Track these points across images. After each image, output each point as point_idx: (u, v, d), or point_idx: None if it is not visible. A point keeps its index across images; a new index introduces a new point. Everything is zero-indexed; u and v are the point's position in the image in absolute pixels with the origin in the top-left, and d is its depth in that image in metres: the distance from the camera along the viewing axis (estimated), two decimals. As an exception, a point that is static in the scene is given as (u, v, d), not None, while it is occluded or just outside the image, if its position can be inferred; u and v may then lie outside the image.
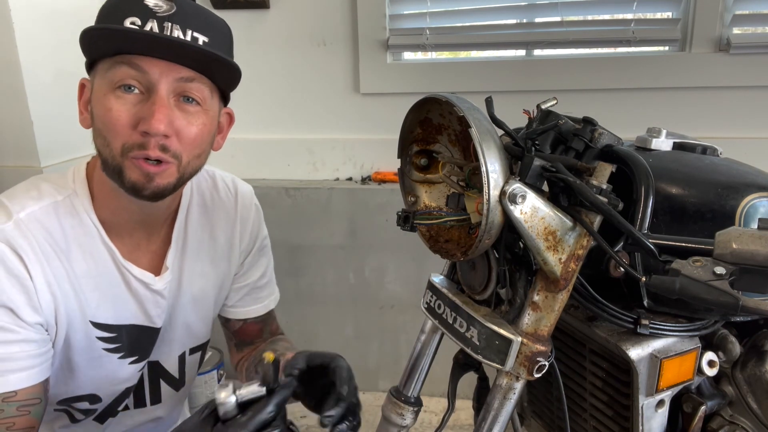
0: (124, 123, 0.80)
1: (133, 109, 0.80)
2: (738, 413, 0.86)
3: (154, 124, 0.78)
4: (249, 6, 1.89)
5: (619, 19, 1.83)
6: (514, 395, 0.73)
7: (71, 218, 0.88)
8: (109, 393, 1.00)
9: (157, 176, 0.82)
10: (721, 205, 0.76)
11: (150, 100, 0.80)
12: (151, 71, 0.79)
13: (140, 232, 0.95)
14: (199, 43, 0.81)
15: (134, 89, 0.80)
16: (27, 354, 0.82)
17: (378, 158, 2.00)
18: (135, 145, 0.80)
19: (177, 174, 0.85)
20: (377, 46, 1.88)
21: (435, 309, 0.83)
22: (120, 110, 0.80)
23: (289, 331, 2.14)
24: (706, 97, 1.75)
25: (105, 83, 0.81)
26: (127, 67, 0.79)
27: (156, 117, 0.78)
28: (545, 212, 0.67)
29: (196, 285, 1.03)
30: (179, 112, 0.82)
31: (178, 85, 0.81)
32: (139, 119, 0.79)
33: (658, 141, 0.85)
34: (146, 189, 0.82)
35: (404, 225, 0.82)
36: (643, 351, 0.76)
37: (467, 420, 1.88)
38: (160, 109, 0.79)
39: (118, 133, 0.80)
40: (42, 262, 0.84)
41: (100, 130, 0.82)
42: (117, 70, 0.79)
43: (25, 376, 0.82)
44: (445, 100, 0.71)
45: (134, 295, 0.95)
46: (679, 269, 0.61)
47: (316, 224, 2.00)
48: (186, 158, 0.85)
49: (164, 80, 0.80)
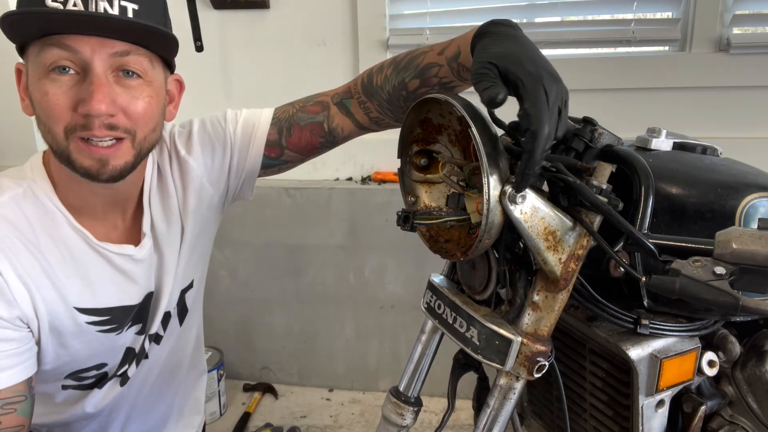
0: (63, 106, 0.76)
1: (71, 90, 0.76)
2: (738, 413, 0.86)
3: (94, 105, 0.75)
4: (249, 6, 1.88)
5: (619, 19, 1.83)
6: (514, 395, 0.73)
7: (35, 207, 0.85)
8: (114, 357, 0.99)
9: (111, 158, 0.79)
10: (721, 205, 0.76)
11: (87, 80, 0.76)
12: (82, 50, 0.75)
13: (114, 211, 0.93)
14: (128, 13, 0.76)
15: (69, 70, 0.76)
16: (6, 354, 0.81)
17: (378, 158, 2.00)
18: (77, 126, 0.77)
19: (133, 151, 0.82)
20: (377, 46, 1.88)
21: (435, 309, 0.83)
22: (57, 93, 0.76)
23: (289, 331, 2.16)
24: (706, 97, 1.75)
25: (38, 67, 0.77)
26: (57, 48, 0.75)
27: (95, 98, 0.75)
28: (545, 212, 0.67)
29: (177, 238, 1.01)
30: (120, 88, 0.79)
31: (114, 60, 0.78)
32: (78, 101, 0.76)
33: (658, 141, 0.86)
34: (102, 173, 0.80)
35: (404, 225, 0.82)
36: (643, 351, 0.76)
37: (467, 420, 1.88)
38: (98, 88, 0.75)
39: (58, 118, 0.77)
40: (10, 257, 0.81)
41: (39, 116, 0.79)
42: (48, 52, 0.76)
43: (6, 376, 0.81)
44: (444, 100, 0.71)
45: (121, 272, 0.93)
46: (679, 269, 0.61)
47: (315, 224, 2.00)
48: (141, 133, 0.82)
49: (98, 57, 0.76)
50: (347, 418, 1.99)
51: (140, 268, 0.96)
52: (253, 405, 2.03)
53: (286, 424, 1.91)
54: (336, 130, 1.01)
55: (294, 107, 1.04)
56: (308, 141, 1.02)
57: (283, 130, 1.02)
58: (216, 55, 1.93)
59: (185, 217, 1.01)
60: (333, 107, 1.01)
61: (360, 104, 0.98)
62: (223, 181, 1.05)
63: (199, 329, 1.20)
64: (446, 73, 0.84)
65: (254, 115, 1.03)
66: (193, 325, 1.16)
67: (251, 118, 1.03)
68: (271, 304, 2.12)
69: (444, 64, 0.83)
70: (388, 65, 0.94)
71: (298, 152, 1.04)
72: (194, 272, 1.09)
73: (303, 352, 2.16)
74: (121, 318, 0.96)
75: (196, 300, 1.13)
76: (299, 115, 1.02)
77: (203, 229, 1.06)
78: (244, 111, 1.04)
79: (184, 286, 1.07)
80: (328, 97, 1.02)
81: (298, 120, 1.02)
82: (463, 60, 0.80)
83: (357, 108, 0.99)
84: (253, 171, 1.05)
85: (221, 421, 1.99)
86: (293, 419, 1.97)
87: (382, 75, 0.94)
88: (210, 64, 1.93)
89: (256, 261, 2.07)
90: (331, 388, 2.16)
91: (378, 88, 0.94)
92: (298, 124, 1.02)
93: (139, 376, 1.05)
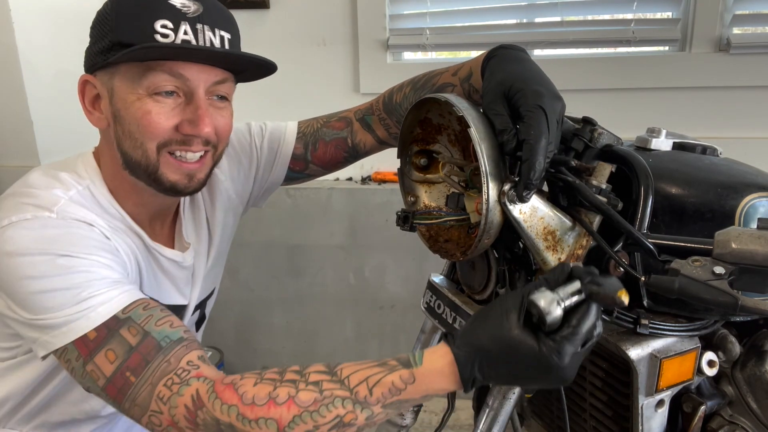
0: (165, 126, 0.82)
1: (173, 111, 0.82)
2: (738, 413, 0.86)
3: (203, 129, 0.82)
4: (249, 6, 1.88)
5: (619, 19, 1.83)
6: (513, 395, 0.73)
7: (97, 207, 0.87)
8: None
9: (198, 172, 0.86)
10: (721, 205, 0.76)
11: (192, 104, 0.82)
12: (191, 77, 0.81)
13: (157, 220, 0.96)
14: (225, 41, 0.83)
15: (174, 94, 0.82)
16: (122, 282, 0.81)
17: (378, 158, 1.99)
18: (173, 141, 0.83)
19: (212, 163, 0.89)
20: (377, 46, 1.88)
21: (435, 309, 0.83)
22: (160, 113, 0.81)
23: (289, 330, 2.15)
24: (706, 97, 1.75)
25: (138, 87, 0.81)
26: (167, 74, 0.80)
27: (204, 122, 0.82)
28: (545, 212, 0.67)
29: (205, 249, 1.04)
30: (214, 110, 0.85)
31: (214, 86, 0.84)
32: (181, 122, 0.82)
33: (658, 141, 0.86)
34: (189, 187, 0.86)
35: (404, 225, 0.82)
36: (642, 351, 0.76)
37: (467, 420, 1.88)
38: (205, 113, 0.82)
39: (157, 135, 0.82)
40: (111, 235, 0.84)
41: (132, 132, 0.82)
42: (155, 76, 0.80)
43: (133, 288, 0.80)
44: (444, 100, 0.71)
45: (168, 276, 0.96)
46: (679, 269, 0.62)
47: (316, 224, 2.00)
48: (221, 147, 0.89)
49: (203, 85, 0.82)
50: (347, 418, 1.99)
51: (184, 275, 0.98)
52: (253, 405, 2.03)
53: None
54: (359, 145, 1.07)
55: (318, 122, 1.09)
56: (333, 155, 1.08)
57: (309, 145, 1.07)
58: (216, 55, 1.93)
59: (213, 229, 1.05)
60: (356, 123, 1.06)
61: (380, 120, 1.03)
62: (247, 192, 1.10)
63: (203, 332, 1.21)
64: (459, 92, 0.88)
65: (279, 129, 1.08)
66: (202, 332, 1.17)
67: (277, 132, 1.08)
68: (271, 304, 2.12)
69: (457, 84, 0.88)
70: (408, 84, 0.99)
71: (322, 166, 1.09)
72: (215, 280, 1.11)
73: (303, 352, 2.16)
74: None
75: (211, 307, 1.15)
76: (324, 130, 1.07)
77: (225, 238, 1.09)
78: (269, 124, 1.09)
79: (207, 294, 1.09)
80: (351, 113, 1.07)
81: (323, 135, 1.07)
82: (474, 81, 0.84)
83: (378, 124, 1.04)
84: (275, 183, 1.10)
85: (221, 421, 1.99)
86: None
87: (402, 93, 0.99)
88: (210, 64, 1.93)
89: (256, 261, 2.07)
90: (331, 388, 2.16)
91: (397, 105, 0.99)
92: (323, 139, 1.07)
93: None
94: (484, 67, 0.80)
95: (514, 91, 0.69)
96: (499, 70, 0.75)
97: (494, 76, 0.74)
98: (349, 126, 1.06)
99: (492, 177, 0.65)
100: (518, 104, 0.68)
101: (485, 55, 0.82)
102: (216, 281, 1.12)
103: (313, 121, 1.09)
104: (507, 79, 0.71)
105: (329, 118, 1.08)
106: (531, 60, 0.78)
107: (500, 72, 0.74)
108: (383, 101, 1.03)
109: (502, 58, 0.78)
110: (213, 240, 1.05)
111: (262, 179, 1.09)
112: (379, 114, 1.03)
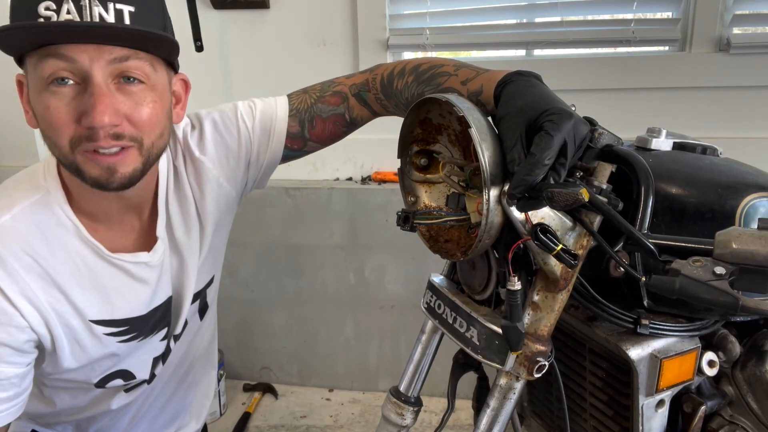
0: (66, 119, 0.74)
1: (72, 102, 0.74)
2: (738, 413, 0.86)
3: (97, 117, 0.72)
4: (249, 6, 1.88)
5: (619, 19, 1.83)
6: (514, 395, 0.73)
7: (48, 219, 0.84)
8: (141, 366, 1.00)
9: (119, 166, 0.77)
10: (721, 205, 0.76)
11: (88, 91, 0.73)
12: (80, 59, 0.72)
13: (129, 216, 0.91)
14: (124, 17, 0.73)
15: (68, 81, 0.74)
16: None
17: (378, 158, 2.00)
18: (83, 137, 0.75)
19: (141, 158, 0.80)
20: (377, 46, 1.88)
21: (435, 309, 0.83)
22: (58, 106, 0.74)
23: (289, 331, 2.16)
24: (706, 97, 1.75)
25: (37, 79, 0.75)
26: (54, 59, 0.72)
27: (98, 109, 0.73)
28: (545, 212, 0.67)
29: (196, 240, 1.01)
30: (123, 96, 0.76)
31: (114, 66, 0.75)
32: (81, 113, 0.74)
33: (658, 141, 0.86)
34: (111, 182, 0.78)
35: (404, 225, 0.81)
36: (643, 351, 0.76)
37: (467, 420, 1.88)
38: (99, 99, 0.73)
39: (62, 131, 0.75)
40: (18, 280, 0.81)
41: (44, 130, 0.77)
42: (45, 63, 0.73)
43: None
44: (444, 100, 0.71)
45: (137, 280, 0.92)
46: (679, 269, 0.61)
47: (316, 224, 2.00)
48: (148, 140, 0.80)
49: (96, 66, 0.73)
50: (347, 418, 1.99)
51: (155, 273, 0.94)
52: (253, 405, 2.03)
53: (287, 424, 1.91)
54: (356, 119, 1.04)
55: (311, 97, 1.03)
56: (332, 131, 1.04)
57: (305, 122, 1.02)
58: (216, 55, 1.93)
59: (204, 219, 1.00)
60: (351, 98, 1.02)
61: (378, 101, 1.00)
62: (240, 176, 1.03)
63: (215, 322, 1.20)
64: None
65: (270, 107, 1.02)
66: (211, 319, 1.16)
67: (268, 110, 1.02)
68: (271, 304, 2.12)
69: (465, 95, 0.83)
70: (410, 72, 0.93)
71: (321, 142, 1.06)
72: (213, 268, 1.09)
73: (303, 352, 2.16)
74: (140, 327, 0.95)
75: (215, 294, 1.13)
76: (319, 106, 1.02)
77: (222, 226, 1.06)
78: (258, 103, 1.03)
79: (205, 283, 1.07)
80: (345, 87, 1.02)
81: (319, 112, 1.02)
82: (483, 98, 0.79)
83: (374, 102, 1.00)
84: (273, 163, 1.05)
85: (221, 421, 1.99)
86: (293, 419, 1.97)
87: (403, 81, 0.93)
88: (210, 64, 1.92)
89: (256, 261, 2.07)
90: (331, 388, 2.16)
91: (397, 92, 0.94)
92: (320, 116, 1.02)
93: (163, 372, 1.06)
94: (498, 92, 0.75)
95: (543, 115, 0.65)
96: (518, 96, 0.70)
97: (514, 102, 0.69)
98: (345, 101, 1.01)
99: (492, 177, 0.65)
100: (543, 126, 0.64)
101: (500, 79, 0.75)
102: (215, 270, 1.09)
103: (304, 95, 1.03)
104: (530, 106, 0.67)
105: (323, 92, 1.02)
106: (547, 88, 0.73)
107: (520, 98, 0.69)
108: (381, 82, 0.97)
109: (518, 84, 0.73)
110: (205, 230, 1.01)
111: (258, 161, 1.03)
112: (375, 93, 0.99)
